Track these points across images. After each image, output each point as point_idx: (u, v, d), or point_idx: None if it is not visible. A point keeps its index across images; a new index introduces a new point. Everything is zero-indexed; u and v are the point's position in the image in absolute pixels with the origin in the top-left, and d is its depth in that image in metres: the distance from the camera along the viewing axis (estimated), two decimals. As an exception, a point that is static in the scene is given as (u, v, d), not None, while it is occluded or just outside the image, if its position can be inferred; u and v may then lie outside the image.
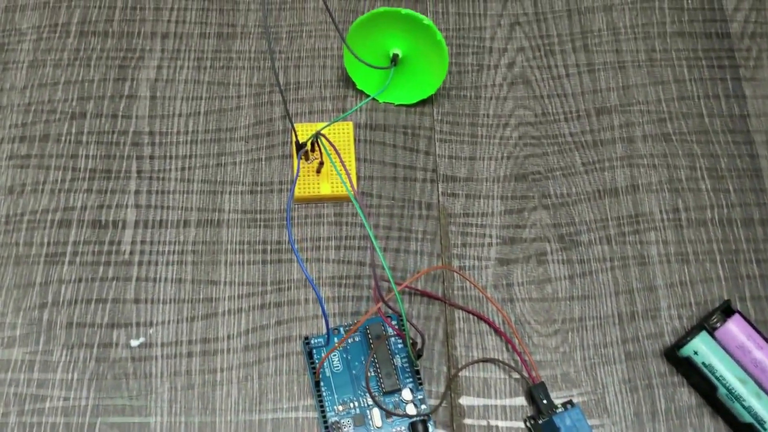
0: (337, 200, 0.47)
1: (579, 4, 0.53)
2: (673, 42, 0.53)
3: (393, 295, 0.38)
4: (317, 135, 0.44)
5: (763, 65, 0.52)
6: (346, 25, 0.52)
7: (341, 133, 0.49)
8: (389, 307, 0.42)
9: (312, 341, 0.43)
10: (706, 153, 0.50)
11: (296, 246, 0.46)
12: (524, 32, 0.53)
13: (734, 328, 0.43)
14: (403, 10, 0.46)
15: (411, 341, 0.41)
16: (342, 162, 0.42)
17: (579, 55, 0.52)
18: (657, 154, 0.50)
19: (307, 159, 0.46)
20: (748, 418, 0.41)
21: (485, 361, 0.44)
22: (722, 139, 0.50)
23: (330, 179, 0.47)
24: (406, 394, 0.42)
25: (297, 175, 0.44)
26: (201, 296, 0.45)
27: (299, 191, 0.47)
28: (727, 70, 0.52)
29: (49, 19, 0.52)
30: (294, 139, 0.45)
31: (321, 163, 0.47)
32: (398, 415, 0.41)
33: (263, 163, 0.49)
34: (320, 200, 0.47)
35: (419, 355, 0.43)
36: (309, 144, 0.45)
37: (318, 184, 0.47)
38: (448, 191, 0.48)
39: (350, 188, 0.40)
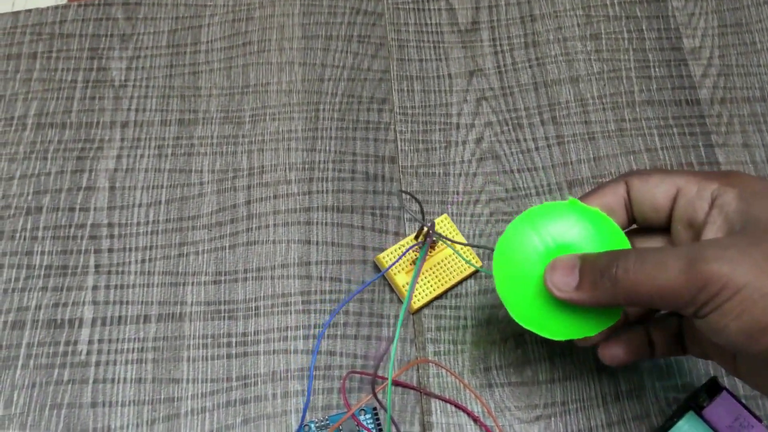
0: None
1: (545, 76, 0.53)
2: (642, 111, 0.52)
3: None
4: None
5: (734, 130, 0.51)
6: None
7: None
8: (378, 401, 0.40)
9: (280, 440, 0.41)
10: (683, 222, 0.48)
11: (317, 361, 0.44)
12: (491, 107, 0.52)
13: (722, 407, 0.41)
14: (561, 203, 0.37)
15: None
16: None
17: (548, 128, 0.51)
18: (633, 225, 0.48)
19: (432, 248, 0.44)
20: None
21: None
22: (698, 207, 0.49)
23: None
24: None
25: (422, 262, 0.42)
26: (162, 396, 0.43)
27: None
28: (699, 137, 0.51)
29: (4, 113, 0.51)
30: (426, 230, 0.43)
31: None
32: None
33: (227, 251, 0.47)
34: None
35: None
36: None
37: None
38: (420, 273, 0.46)
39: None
